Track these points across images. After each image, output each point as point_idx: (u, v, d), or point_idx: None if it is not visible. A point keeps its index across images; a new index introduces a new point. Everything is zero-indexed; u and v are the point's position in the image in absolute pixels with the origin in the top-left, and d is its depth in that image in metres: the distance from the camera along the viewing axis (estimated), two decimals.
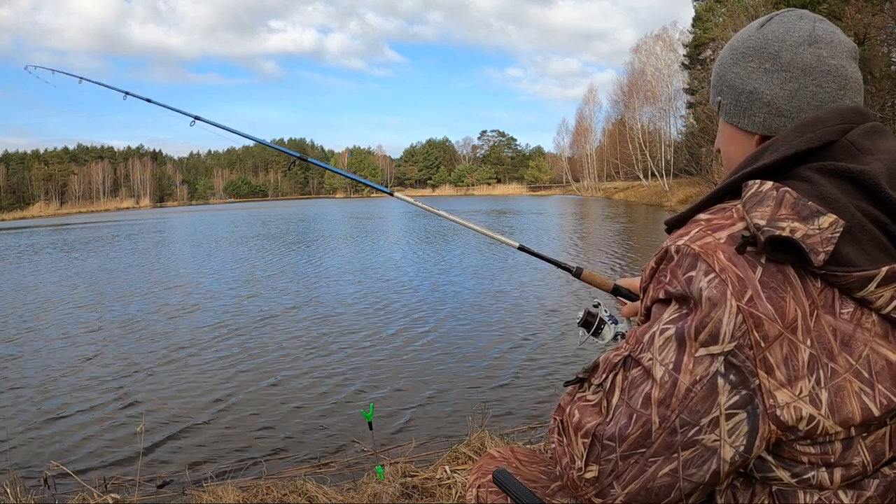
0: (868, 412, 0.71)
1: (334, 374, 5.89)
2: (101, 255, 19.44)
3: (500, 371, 5.79)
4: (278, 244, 20.76)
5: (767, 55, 0.85)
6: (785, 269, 0.70)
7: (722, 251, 0.72)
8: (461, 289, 10.35)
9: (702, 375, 0.70)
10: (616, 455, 0.76)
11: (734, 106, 0.89)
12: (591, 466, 0.78)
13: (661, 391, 0.72)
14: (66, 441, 4.51)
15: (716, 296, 0.70)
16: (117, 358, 6.77)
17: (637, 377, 0.76)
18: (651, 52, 48.73)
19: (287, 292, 10.73)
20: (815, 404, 0.70)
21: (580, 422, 0.81)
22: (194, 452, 4.21)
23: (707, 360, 0.70)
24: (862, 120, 0.80)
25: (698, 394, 0.71)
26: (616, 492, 0.77)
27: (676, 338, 0.72)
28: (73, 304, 10.29)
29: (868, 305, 0.71)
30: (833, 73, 0.83)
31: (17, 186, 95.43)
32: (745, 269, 0.70)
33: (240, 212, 53.61)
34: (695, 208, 0.83)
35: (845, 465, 0.73)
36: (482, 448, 2.99)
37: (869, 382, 0.71)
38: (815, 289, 0.70)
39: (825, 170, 0.75)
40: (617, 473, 0.76)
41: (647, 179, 49.37)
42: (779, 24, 0.87)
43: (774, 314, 0.69)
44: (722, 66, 0.92)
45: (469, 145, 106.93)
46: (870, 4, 25.25)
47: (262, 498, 2.74)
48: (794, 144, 0.78)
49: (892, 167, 0.74)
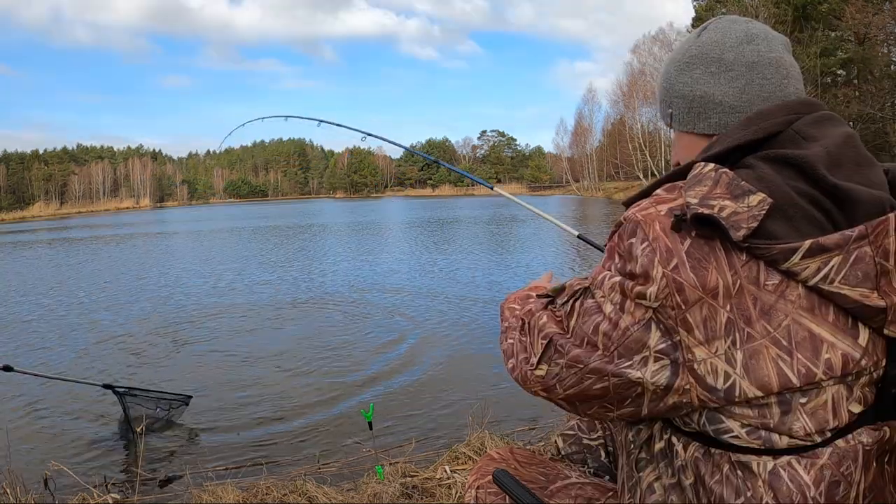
0: (786, 379, 0.75)
1: (334, 374, 5.90)
2: (100, 257, 19.42)
3: (500, 371, 5.80)
4: (277, 241, 20.76)
5: (711, 59, 0.92)
6: (712, 242, 0.76)
7: (659, 222, 0.79)
8: (461, 289, 10.35)
9: (640, 318, 0.79)
10: (563, 361, 0.86)
11: (687, 113, 0.95)
12: (542, 366, 0.89)
13: (607, 324, 0.82)
14: (66, 441, 4.52)
15: (646, 262, 0.78)
16: (117, 357, 6.77)
17: (590, 307, 0.85)
18: (650, 51, 48.76)
19: (286, 292, 10.75)
20: (730, 363, 0.76)
21: (544, 325, 0.91)
22: (194, 452, 4.22)
23: (642, 308, 0.79)
24: (810, 110, 0.85)
25: (633, 334, 0.80)
26: (558, 391, 0.89)
27: (619, 286, 0.81)
28: (71, 305, 10.30)
29: (794, 277, 0.75)
30: (774, 64, 0.89)
31: (17, 186, 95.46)
32: (674, 241, 0.77)
33: (239, 210, 53.57)
34: (654, 185, 0.89)
35: (786, 430, 0.77)
36: (482, 448, 2.99)
37: (787, 350, 0.75)
38: (740, 260, 0.76)
39: (768, 157, 0.81)
40: (560, 378, 0.87)
41: (647, 179, 49.35)
42: (714, 30, 0.94)
43: (696, 282, 0.76)
44: (667, 79, 0.98)
45: (469, 145, 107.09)
46: (870, 4, 25.23)
47: (262, 498, 2.74)
48: (738, 137, 0.84)
49: (833, 151, 0.80)
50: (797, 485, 0.77)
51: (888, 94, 27.15)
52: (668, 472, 0.86)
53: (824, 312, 0.76)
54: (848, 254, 0.74)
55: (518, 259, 14.01)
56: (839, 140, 0.82)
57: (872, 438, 0.80)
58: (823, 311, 0.76)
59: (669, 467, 0.86)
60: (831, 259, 0.74)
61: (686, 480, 0.83)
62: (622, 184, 57.65)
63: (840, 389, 0.78)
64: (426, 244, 19.17)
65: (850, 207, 0.77)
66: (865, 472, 0.80)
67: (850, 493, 0.79)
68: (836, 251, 0.73)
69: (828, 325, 0.76)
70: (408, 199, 77.39)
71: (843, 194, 0.77)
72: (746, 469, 0.79)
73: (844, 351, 0.76)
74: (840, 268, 0.74)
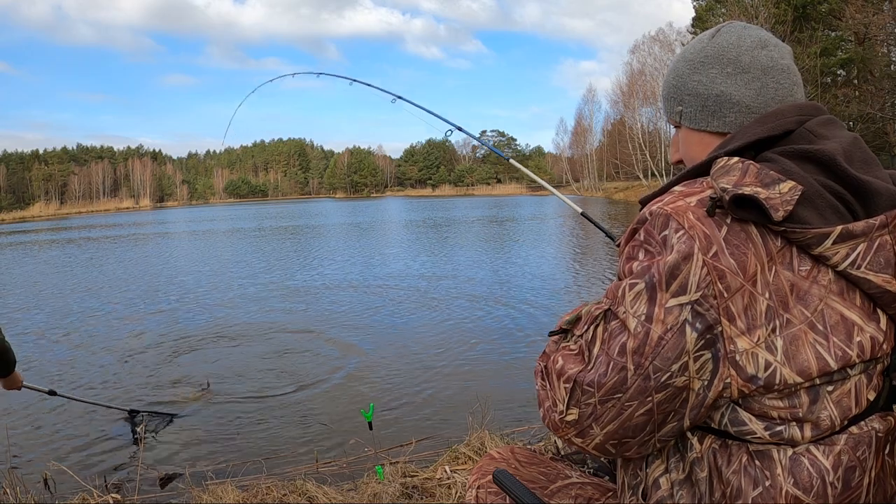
0: (824, 363, 0.77)
1: (334, 374, 5.89)
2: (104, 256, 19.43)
3: (500, 371, 5.80)
4: (275, 239, 20.76)
5: (727, 60, 0.93)
6: (748, 227, 0.77)
7: (692, 212, 0.79)
8: (461, 289, 10.35)
9: (672, 324, 0.77)
10: (595, 399, 0.82)
11: (700, 111, 0.96)
12: (572, 410, 0.85)
13: (636, 341, 0.78)
14: (66, 441, 4.51)
15: (685, 250, 0.76)
16: (116, 358, 6.77)
17: (615, 328, 0.82)
18: (650, 51, 48.76)
19: (285, 291, 10.74)
20: (770, 350, 0.76)
21: (563, 368, 0.87)
22: (194, 452, 4.22)
23: (676, 309, 0.76)
24: (818, 113, 0.88)
25: (669, 341, 0.77)
26: (595, 432, 0.84)
27: (647, 290, 0.78)
28: (72, 302, 10.30)
29: (825, 262, 0.77)
30: (786, 71, 0.92)
31: (17, 186, 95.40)
32: (711, 228, 0.77)
33: (241, 210, 53.59)
34: (670, 184, 0.90)
35: (814, 420, 0.78)
36: (482, 448, 2.99)
37: (823, 334, 0.77)
38: (775, 246, 0.77)
39: (786, 152, 0.83)
40: (596, 416, 0.83)
41: (647, 179, 49.40)
42: (729, 33, 0.95)
43: (736, 268, 0.76)
44: (679, 77, 0.98)
45: (469, 145, 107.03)
46: (870, 4, 25.22)
47: (262, 498, 2.74)
48: (757, 132, 0.86)
49: (847, 148, 0.83)
50: (817, 469, 0.78)
51: (888, 94, 27.14)
52: (680, 466, 0.85)
53: (852, 297, 0.79)
54: (872, 241, 0.77)
55: (521, 258, 14.00)
56: (848, 140, 0.85)
57: (883, 426, 0.82)
58: (851, 295, 0.79)
59: (681, 462, 0.85)
60: (858, 245, 0.77)
61: (700, 474, 0.83)
62: (622, 184, 57.61)
63: (862, 378, 0.80)
64: (426, 244, 19.17)
65: (869, 199, 0.79)
66: (876, 459, 0.82)
67: (864, 478, 0.80)
68: (863, 238, 0.77)
69: (857, 308, 0.79)
70: (408, 199, 77.34)
71: (862, 186, 0.79)
72: (766, 457, 0.79)
73: (872, 334, 0.79)
74: (865, 254, 0.77)
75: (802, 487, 0.78)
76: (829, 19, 29.79)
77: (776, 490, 0.78)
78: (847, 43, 30.24)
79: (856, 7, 25.54)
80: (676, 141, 1.04)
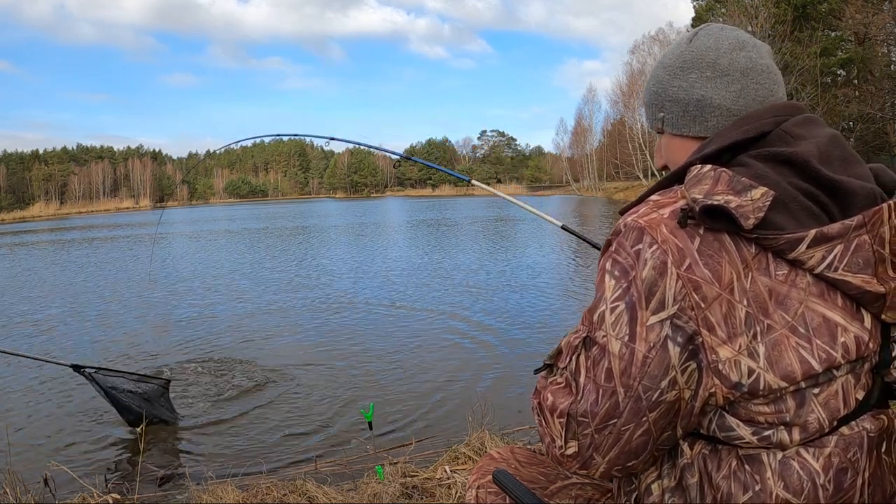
0: (808, 366, 0.76)
1: (334, 374, 5.90)
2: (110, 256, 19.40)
3: (500, 371, 5.80)
4: (277, 240, 20.76)
5: (706, 64, 0.92)
6: (721, 236, 0.77)
7: (664, 225, 0.79)
8: (461, 289, 10.35)
9: (654, 341, 0.77)
10: (591, 429, 0.82)
11: (682, 117, 0.95)
12: (571, 443, 0.85)
13: (622, 363, 0.78)
14: (66, 441, 4.51)
15: (658, 265, 0.77)
16: (115, 357, 6.77)
17: (597, 355, 0.82)
18: (650, 51, 48.75)
19: (284, 292, 10.75)
20: (753, 357, 0.76)
21: (554, 404, 0.87)
22: (194, 452, 4.22)
23: (657, 326, 0.77)
24: (796, 113, 0.88)
25: (654, 359, 0.77)
26: (598, 461, 0.84)
27: (628, 310, 0.78)
28: (71, 302, 10.30)
29: (801, 266, 0.77)
30: (765, 71, 0.92)
31: (17, 186, 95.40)
32: (684, 240, 0.77)
33: (242, 211, 53.57)
34: (647, 193, 0.90)
35: (801, 423, 0.78)
36: (482, 448, 2.99)
37: (806, 338, 0.76)
38: (750, 253, 0.77)
39: (761, 155, 0.83)
40: (595, 446, 0.83)
41: (647, 179, 49.40)
42: (706, 37, 0.95)
43: (711, 277, 0.75)
44: (659, 83, 0.98)
45: (469, 145, 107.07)
46: (870, 4, 25.21)
47: (262, 498, 2.74)
48: (732, 136, 0.86)
49: (823, 148, 0.82)
50: (807, 472, 0.78)
51: (888, 94, 27.14)
52: (672, 473, 0.85)
53: (833, 297, 0.78)
54: (849, 242, 0.76)
55: (517, 258, 14.00)
56: (825, 139, 0.84)
57: (874, 425, 0.82)
58: (832, 296, 0.78)
59: (672, 468, 0.85)
60: (834, 248, 0.76)
61: (690, 479, 0.83)
62: (622, 184, 57.62)
63: (849, 378, 0.80)
64: (425, 244, 19.17)
65: (845, 199, 0.79)
66: (869, 460, 0.81)
67: (856, 479, 0.80)
68: (839, 240, 0.76)
69: (839, 309, 0.78)
70: (408, 199, 77.35)
71: (838, 187, 0.79)
72: (755, 461, 0.79)
73: (857, 334, 0.78)
74: (843, 256, 0.76)
75: (793, 491, 0.78)
76: (829, 19, 29.79)
77: (766, 494, 0.78)
78: (847, 43, 30.24)
79: (856, 7, 25.55)
80: (660, 147, 1.03)
